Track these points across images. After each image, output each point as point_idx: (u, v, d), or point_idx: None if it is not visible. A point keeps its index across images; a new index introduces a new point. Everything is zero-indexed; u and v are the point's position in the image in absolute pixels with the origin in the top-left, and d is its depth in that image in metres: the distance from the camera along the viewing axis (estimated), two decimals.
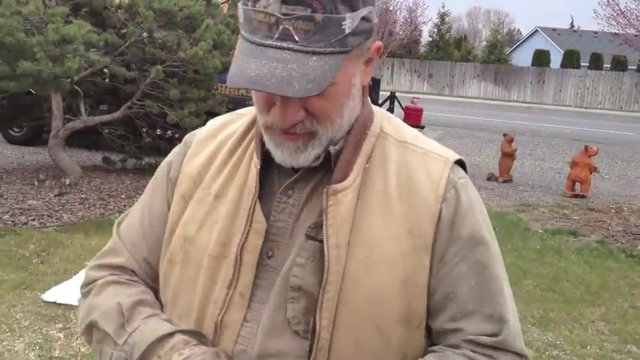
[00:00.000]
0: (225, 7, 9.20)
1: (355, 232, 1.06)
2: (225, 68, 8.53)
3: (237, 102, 10.34)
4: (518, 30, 64.10)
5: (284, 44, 0.95)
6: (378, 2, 28.48)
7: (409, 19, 30.86)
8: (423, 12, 31.37)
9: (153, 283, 1.21)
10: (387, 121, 1.18)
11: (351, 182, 1.08)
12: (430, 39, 38.15)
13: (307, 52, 0.96)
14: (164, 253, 1.17)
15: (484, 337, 1.07)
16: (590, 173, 9.49)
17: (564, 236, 7.15)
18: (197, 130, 1.25)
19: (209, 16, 8.04)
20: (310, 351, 1.04)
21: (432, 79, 35.63)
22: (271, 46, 0.96)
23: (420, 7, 30.56)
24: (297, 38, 0.95)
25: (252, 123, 1.18)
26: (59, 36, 6.61)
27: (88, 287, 1.21)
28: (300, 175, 1.11)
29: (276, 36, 0.95)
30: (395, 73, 35.82)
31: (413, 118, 11.70)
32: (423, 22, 32.21)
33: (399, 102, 11.51)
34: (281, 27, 0.95)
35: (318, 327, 1.04)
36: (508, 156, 10.67)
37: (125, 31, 7.87)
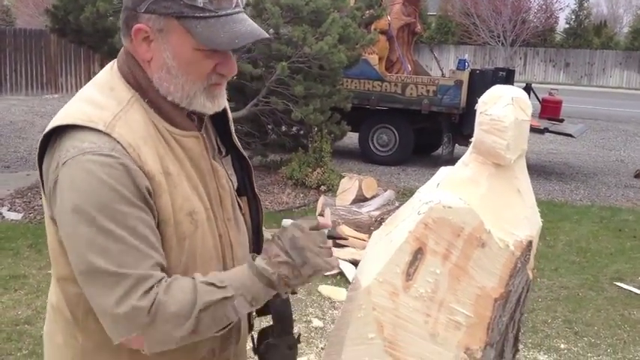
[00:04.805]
0: (351, 0, 8.95)
1: None
2: (351, 63, 8.30)
3: (363, 97, 10.14)
4: None
5: (238, 9, 1.33)
6: None
7: (544, 6, 29.32)
8: None
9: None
10: None
11: None
12: (567, 26, 35.98)
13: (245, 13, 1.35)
14: (169, 238, 1.32)
15: None
16: None
17: None
18: (99, 148, 1.26)
19: (335, 10, 7.83)
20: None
21: (569, 68, 33.65)
22: (237, 12, 1.32)
23: None
24: (242, 5, 1.35)
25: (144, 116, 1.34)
26: None
27: (150, 311, 1.24)
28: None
29: (234, 4, 1.32)
30: (528, 63, 34.17)
31: (551, 110, 10.87)
32: (560, 9, 30.47)
33: (535, 94, 10.74)
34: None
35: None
36: None
37: None
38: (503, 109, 1.36)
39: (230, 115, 1.56)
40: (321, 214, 1.36)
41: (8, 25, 29.63)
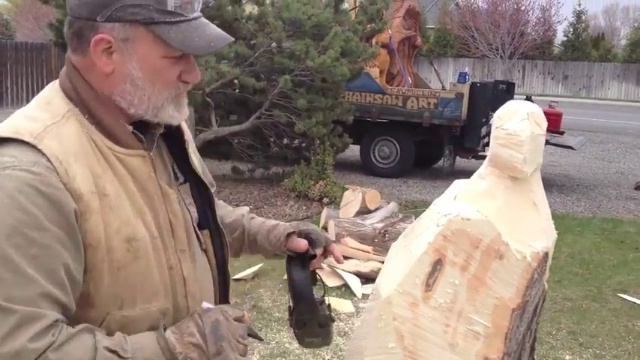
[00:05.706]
0: (353, 14, 9.03)
1: None
2: (353, 76, 8.37)
3: (364, 110, 10.19)
4: None
5: (200, 14, 1.26)
6: (508, 2, 27.53)
7: (542, 19, 29.50)
8: (558, 11, 29.78)
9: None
10: None
11: None
12: (565, 39, 36.19)
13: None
14: (99, 265, 1.18)
15: None
16: None
17: None
18: (20, 162, 1.14)
19: (337, 24, 7.90)
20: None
21: (568, 80, 33.82)
22: (201, 17, 1.26)
23: (554, 5, 29.18)
24: (198, 9, 1.27)
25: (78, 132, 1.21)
26: None
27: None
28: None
29: (196, 9, 1.25)
30: (527, 75, 34.34)
31: (551, 123, 10.85)
32: (558, 22, 30.66)
33: None
34: (195, 3, 1.25)
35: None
36: None
37: (254, 42, 7.90)
38: (519, 124, 1.40)
39: (188, 136, 1.43)
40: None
41: (8, 38, 29.74)
